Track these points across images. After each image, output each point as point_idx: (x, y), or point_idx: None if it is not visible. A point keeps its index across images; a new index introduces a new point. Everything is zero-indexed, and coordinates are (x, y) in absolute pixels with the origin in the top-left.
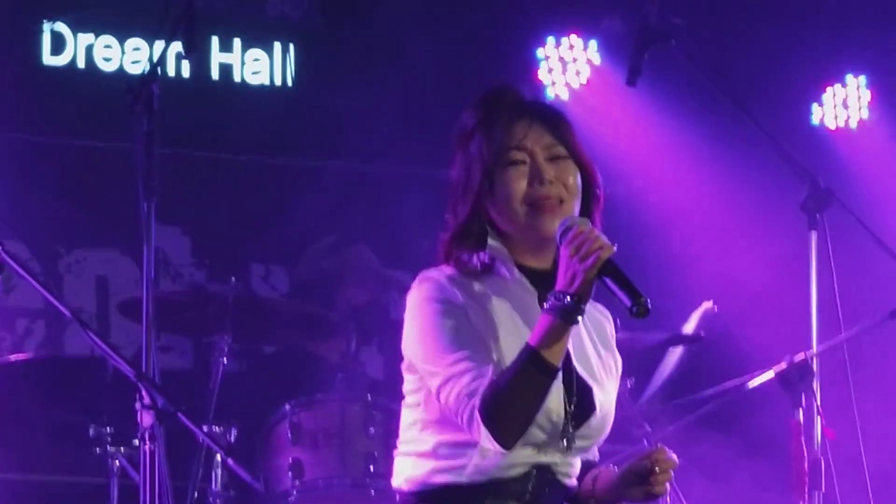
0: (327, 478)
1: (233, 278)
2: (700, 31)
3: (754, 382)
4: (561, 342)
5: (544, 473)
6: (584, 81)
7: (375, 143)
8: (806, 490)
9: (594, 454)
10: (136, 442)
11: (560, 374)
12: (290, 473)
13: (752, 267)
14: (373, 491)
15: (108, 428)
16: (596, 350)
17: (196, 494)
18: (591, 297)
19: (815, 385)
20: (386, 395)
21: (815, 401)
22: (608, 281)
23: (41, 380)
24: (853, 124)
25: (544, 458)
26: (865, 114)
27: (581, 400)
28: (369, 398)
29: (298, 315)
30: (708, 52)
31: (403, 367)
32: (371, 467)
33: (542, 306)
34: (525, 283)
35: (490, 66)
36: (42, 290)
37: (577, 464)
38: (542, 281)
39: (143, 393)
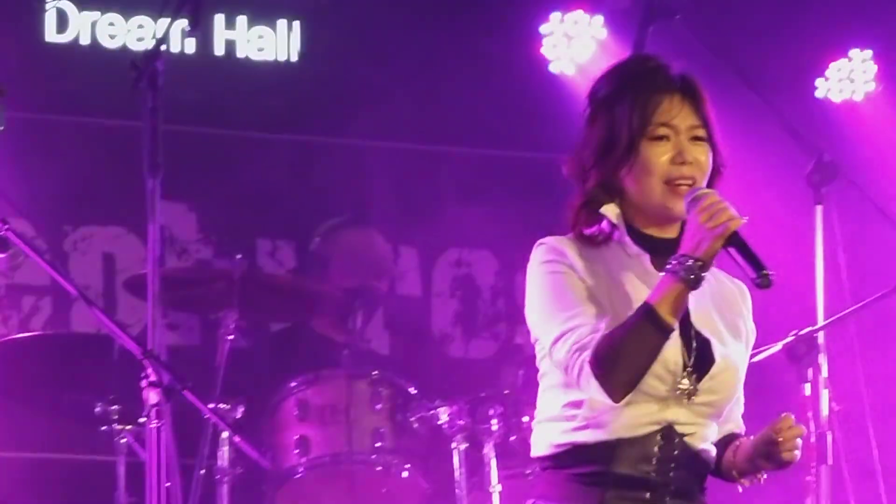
0: (334, 454)
1: (238, 255)
2: (705, 6)
3: (761, 356)
4: (679, 303)
5: (671, 434)
6: (590, 56)
7: (380, 120)
8: (813, 464)
9: (738, 424)
10: (143, 419)
11: (677, 327)
12: (296, 450)
13: (758, 241)
14: (379, 467)
15: (114, 406)
16: (719, 312)
17: (203, 472)
18: (719, 267)
19: (822, 359)
20: (392, 371)
21: (822, 374)
22: (733, 251)
23: (47, 358)
24: (858, 98)
25: (668, 415)
26: (871, 87)
27: (700, 353)
28: (375, 374)
29: (304, 291)
30: (713, 27)
31: (532, 338)
32: (377, 443)
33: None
34: (640, 252)
35: (495, 41)
36: (48, 268)
37: (708, 426)
38: (662, 249)
39: (150, 370)
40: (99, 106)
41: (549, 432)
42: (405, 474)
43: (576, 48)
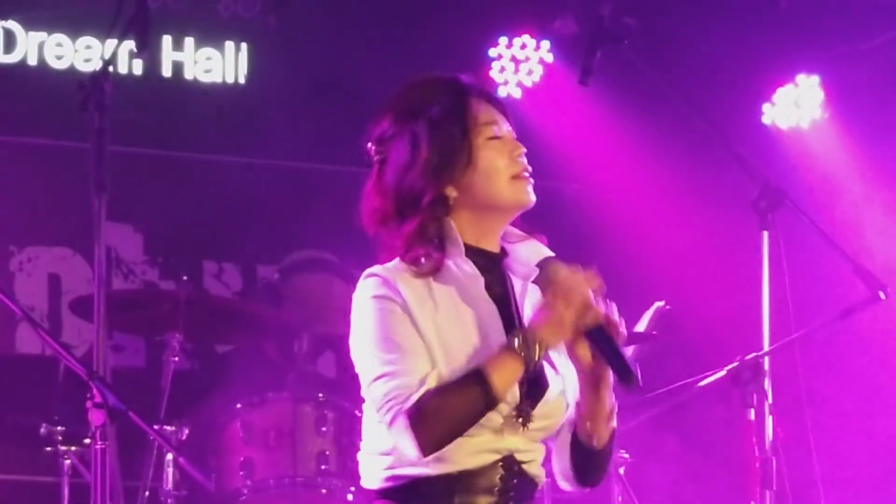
0: (279, 477)
1: (184, 277)
2: (653, 32)
3: (706, 382)
4: (514, 379)
5: (510, 464)
6: (537, 81)
7: (326, 143)
8: (757, 489)
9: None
10: (88, 441)
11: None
12: (241, 472)
13: (705, 266)
14: (324, 490)
15: (59, 427)
16: None
17: (147, 494)
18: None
19: (767, 384)
20: (338, 394)
21: (767, 400)
22: (592, 343)
23: None
24: (805, 124)
25: (506, 444)
26: (818, 113)
27: (533, 378)
28: (321, 397)
29: (250, 314)
30: (660, 53)
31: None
32: (323, 466)
33: (488, 292)
34: (476, 274)
35: (442, 65)
36: None
37: (541, 451)
38: (489, 264)
39: (95, 392)
40: (46, 126)
41: (382, 464)
42: (350, 497)
43: (523, 72)
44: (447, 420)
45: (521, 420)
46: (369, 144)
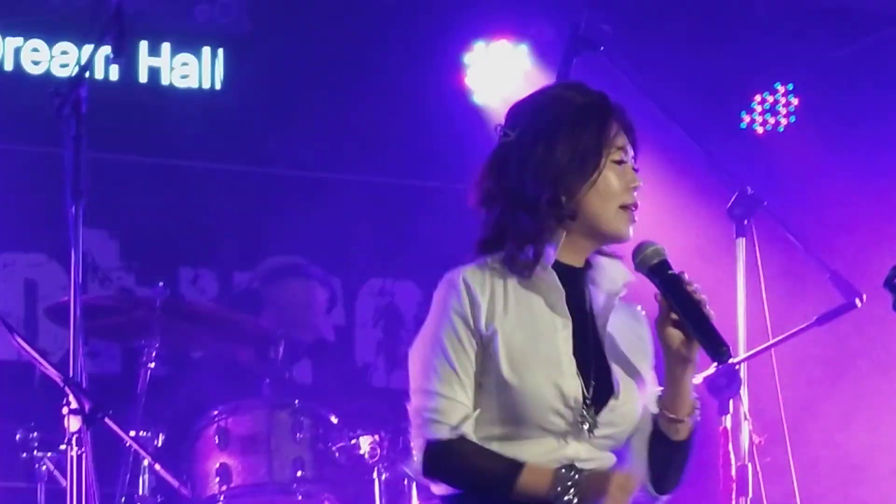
0: (254, 483)
1: (160, 283)
2: (629, 38)
3: None
4: (534, 494)
5: (570, 472)
6: (514, 87)
7: (302, 149)
8: (733, 496)
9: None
10: (64, 447)
11: (574, 360)
12: (217, 478)
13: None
14: (300, 496)
15: (35, 433)
16: (627, 340)
17: (123, 499)
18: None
19: (743, 391)
20: (313, 401)
21: (743, 407)
22: (681, 314)
23: None
24: (780, 129)
25: (568, 452)
26: (793, 119)
27: (600, 383)
28: (297, 403)
29: (226, 320)
30: (636, 59)
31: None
32: (299, 472)
33: (569, 304)
34: (561, 287)
35: (418, 71)
36: None
37: (608, 459)
38: (571, 277)
39: (71, 398)
40: (22, 132)
41: None
42: (326, 503)
43: (500, 78)
44: (459, 477)
45: (586, 427)
46: (499, 124)
